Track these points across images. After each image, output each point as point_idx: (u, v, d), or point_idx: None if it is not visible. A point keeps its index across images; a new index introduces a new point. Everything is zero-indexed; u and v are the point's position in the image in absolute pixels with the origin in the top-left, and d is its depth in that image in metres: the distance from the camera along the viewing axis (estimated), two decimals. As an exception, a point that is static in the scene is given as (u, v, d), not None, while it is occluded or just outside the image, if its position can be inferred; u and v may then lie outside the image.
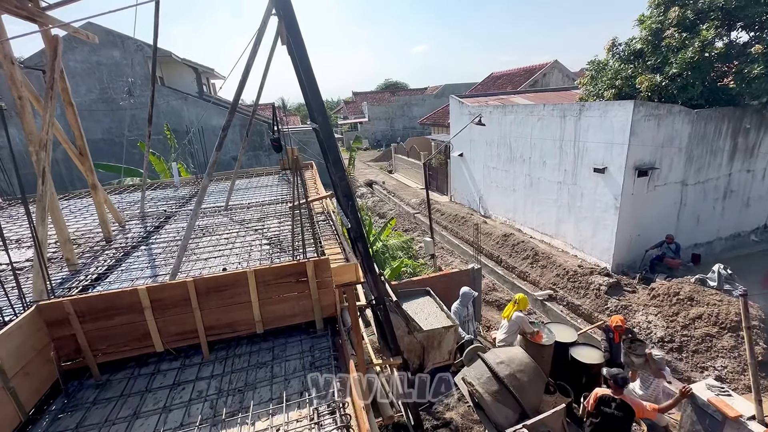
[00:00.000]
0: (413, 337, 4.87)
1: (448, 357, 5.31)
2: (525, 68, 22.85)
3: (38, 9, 3.75)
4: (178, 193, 7.40)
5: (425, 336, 4.93)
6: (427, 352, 5.06)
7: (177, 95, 17.59)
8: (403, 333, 4.80)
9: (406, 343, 4.85)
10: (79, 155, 4.46)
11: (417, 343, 4.90)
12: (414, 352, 5.01)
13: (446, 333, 5.10)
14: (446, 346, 5.19)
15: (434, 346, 5.07)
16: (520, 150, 12.98)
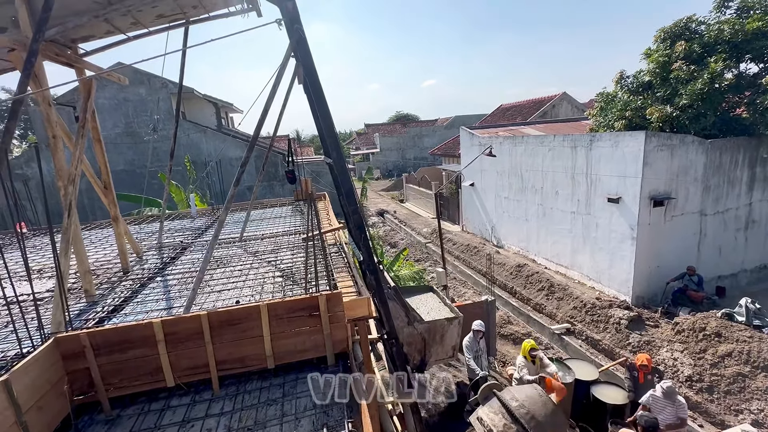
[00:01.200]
0: (413, 328, 4.52)
1: (452, 353, 4.89)
2: (534, 100, 23.26)
3: (76, 56, 4.06)
4: (194, 223, 7.57)
5: (426, 328, 4.60)
6: (429, 346, 4.68)
7: (197, 129, 18.36)
8: (402, 323, 4.49)
9: (405, 335, 4.52)
10: (104, 188, 4.65)
11: (417, 335, 4.56)
12: (414, 346, 4.63)
13: (449, 325, 4.74)
14: (449, 341, 4.80)
15: (436, 340, 4.71)
16: (531, 180, 12.99)
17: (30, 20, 3.35)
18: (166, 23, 4.25)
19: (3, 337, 3.40)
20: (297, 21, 3.66)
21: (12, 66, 3.76)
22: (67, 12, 3.47)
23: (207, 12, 4.18)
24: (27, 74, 2.78)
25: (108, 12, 3.54)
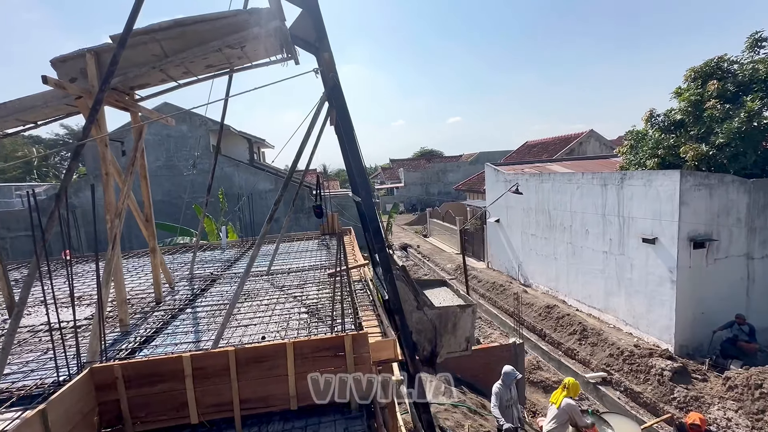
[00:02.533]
0: (423, 313, 4.20)
1: (466, 346, 4.48)
2: (560, 137, 23.20)
3: (133, 101, 4.46)
4: (224, 255, 7.80)
5: (437, 314, 4.27)
6: (440, 335, 4.33)
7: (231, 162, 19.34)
8: (410, 308, 4.20)
9: (414, 321, 4.21)
10: (145, 221, 4.92)
11: (427, 322, 4.25)
12: (424, 335, 4.30)
13: (462, 314, 4.37)
14: (462, 331, 4.42)
15: (448, 329, 4.36)
16: (559, 218, 12.70)
17: (97, 72, 3.75)
18: (213, 72, 4.63)
19: (42, 363, 3.53)
20: (333, 70, 3.91)
21: (77, 111, 4.17)
22: (129, 64, 3.86)
23: (250, 62, 4.53)
24: (91, 120, 3.08)
25: (164, 64, 3.91)
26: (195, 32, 3.88)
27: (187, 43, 3.91)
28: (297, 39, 4.21)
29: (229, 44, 3.95)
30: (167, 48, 3.89)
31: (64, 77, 3.90)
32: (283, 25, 3.91)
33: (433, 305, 4.32)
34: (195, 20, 3.87)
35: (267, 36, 4.02)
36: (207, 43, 3.89)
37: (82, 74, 3.90)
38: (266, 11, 3.89)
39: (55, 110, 4.23)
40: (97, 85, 3.70)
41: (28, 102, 3.99)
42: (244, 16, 3.86)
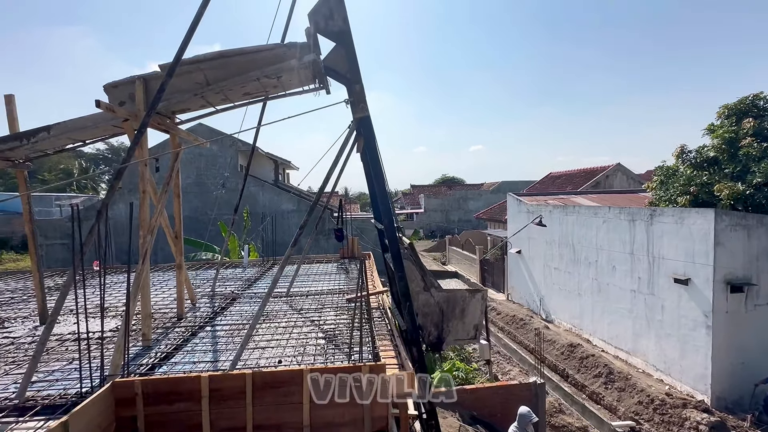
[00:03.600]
0: (430, 295, 4.08)
1: (474, 333, 4.35)
2: (585, 169, 22.85)
3: (173, 124, 4.73)
4: (245, 273, 7.91)
5: (444, 298, 4.15)
6: (447, 319, 4.23)
7: (257, 182, 19.94)
8: (417, 288, 4.08)
9: (420, 303, 4.08)
10: (174, 238, 5.09)
11: (434, 305, 4.12)
12: (430, 318, 4.17)
13: (471, 299, 4.23)
14: (471, 318, 4.28)
15: (456, 314, 4.24)
16: (584, 252, 12.30)
17: (144, 97, 4.02)
18: (249, 99, 4.87)
19: (67, 373, 3.62)
20: (363, 101, 4.04)
21: (122, 132, 4.45)
22: (173, 90, 4.12)
23: (285, 91, 4.76)
24: (136, 142, 3.28)
25: (206, 91, 4.16)
26: (236, 63, 4.13)
27: (229, 73, 4.16)
28: (330, 70, 4.40)
29: (266, 74, 4.17)
30: (210, 77, 4.15)
31: (114, 101, 4.20)
32: (318, 58, 4.11)
33: (441, 288, 4.19)
34: (237, 52, 4.13)
35: (302, 68, 4.23)
36: (247, 73, 4.13)
37: (130, 99, 4.19)
38: (303, 45, 4.12)
39: (103, 131, 4.53)
40: (144, 110, 3.96)
41: (80, 123, 4.30)
42: (283, 50, 4.09)
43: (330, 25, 3.97)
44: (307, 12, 4.04)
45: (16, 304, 6.22)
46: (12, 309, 5.92)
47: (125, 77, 4.22)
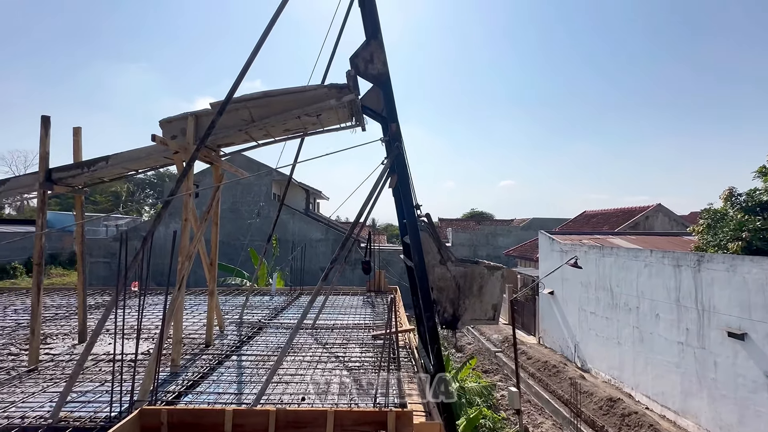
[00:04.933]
0: (446, 269, 3.92)
1: (492, 315, 4.07)
2: (623, 209, 21.95)
3: (218, 156, 5.01)
4: (272, 302, 7.98)
5: (461, 273, 3.97)
6: (464, 296, 3.99)
7: (288, 211, 20.52)
8: (433, 261, 3.92)
9: (436, 277, 3.91)
10: (210, 265, 5.25)
11: (450, 280, 3.94)
12: (446, 293, 3.98)
13: (490, 276, 4.01)
14: (489, 297, 4.03)
15: (473, 292, 4.02)
16: (623, 297, 11.57)
17: (194, 133, 4.31)
18: (289, 135, 5.11)
19: (98, 395, 3.69)
20: (398, 139, 4.14)
21: (171, 163, 4.75)
22: (220, 127, 4.39)
23: (323, 127, 4.97)
24: (185, 174, 3.48)
25: (250, 127, 4.42)
26: (280, 102, 4.38)
27: (272, 111, 4.41)
28: (366, 109, 4.57)
29: (307, 113, 4.39)
30: (255, 114, 4.41)
31: (167, 135, 4.52)
32: (357, 98, 4.30)
33: (458, 261, 4.05)
34: (281, 92, 4.39)
35: (341, 107, 4.43)
36: (289, 111, 4.36)
37: (181, 133, 4.51)
38: (343, 86, 4.33)
39: (155, 161, 4.86)
40: (193, 143, 4.23)
41: (134, 154, 4.64)
42: (324, 90, 4.31)
43: (370, 68, 4.17)
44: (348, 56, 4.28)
45: (59, 321, 6.53)
46: (55, 325, 6.22)
47: (179, 114, 4.56)
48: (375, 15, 4.36)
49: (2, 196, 4.89)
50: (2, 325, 6.19)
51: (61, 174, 4.63)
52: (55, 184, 4.65)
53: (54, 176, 4.63)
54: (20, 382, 3.98)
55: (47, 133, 4.61)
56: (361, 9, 4.43)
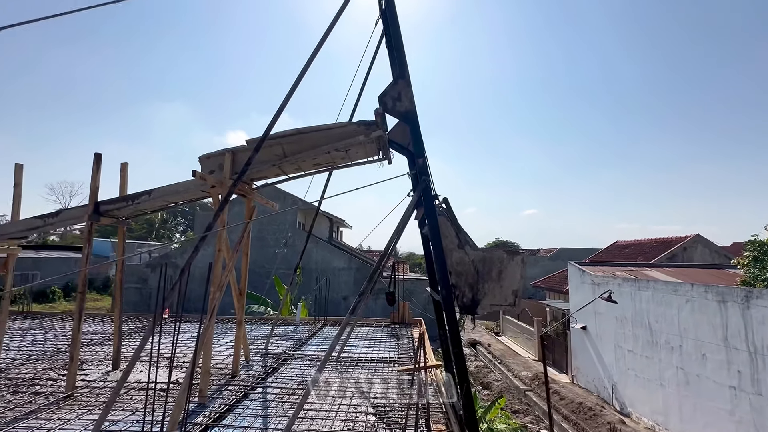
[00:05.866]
0: (464, 253, 3.96)
1: (513, 300, 4.02)
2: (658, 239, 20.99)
3: (251, 189, 5.23)
4: (297, 332, 7.97)
5: (480, 257, 3.99)
6: (483, 281, 4.01)
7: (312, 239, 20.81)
8: (451, 245, 3.97)
9: (454, 261, 3.95)
10: (239, 294, 5.36)
11: (468, 264, 3.97)
12: (464, 278, 3.99)
13: (509, 261, 4.01)
14: (509, 282, 4.01)
15: (492, 276, 4.02)
16: (664, 334, 10.84)
17: (230, 168, 4.54)
18: (318, 168, 5.30)
19: (128, 425, 3.74)
20: (425, 173, 4.21)
21: (208, 196, 5.00)
22: (256, 162, 4.62)
23: (351, 161, 5.12)
24: (221, 209, 3.66)
25: (282, 162, 4.62)
26: (311, 138, 4.58)
27: (304, 147, 4.61)
28: (393, 143, 4.70)
29: (336, 148, 4.56)
30: (287, 150, 4.62)
31: (205, 170, 4.79)
32: (385, 134, 4.44)
33: (476, 246, 4.08)
34: (312, 129, 4.61)
35: (369, 142, 4.58)
36: (320, 147, 4.55)
37: (219, 168, 4.76)
38: (371, 123, 4.49)
39: (192, 194, 5.13)
40: (229, 178, 4.46)
41: (174, 188, 4.92)
42: (353, 127, 4.49)
43: (397, 105, 4.33)
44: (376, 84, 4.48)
45: (94, 346, 6.75)
46: (90, 351, 6.43)
47: (217, 150, 4.85)
48: (402, 55, 4.57)
49: (56, 227, 5.25)
50: (43, 349, 6.46)
51: (108, 206, 4.95)
52: (102, 215, 4.96)
53: (101, 208, 4.96)
54: (57, 408, 4.10)
55: (98, 169, 4.98)
56: (389, 50, 4.66)
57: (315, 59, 4.14)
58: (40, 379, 5.03)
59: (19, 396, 4.42)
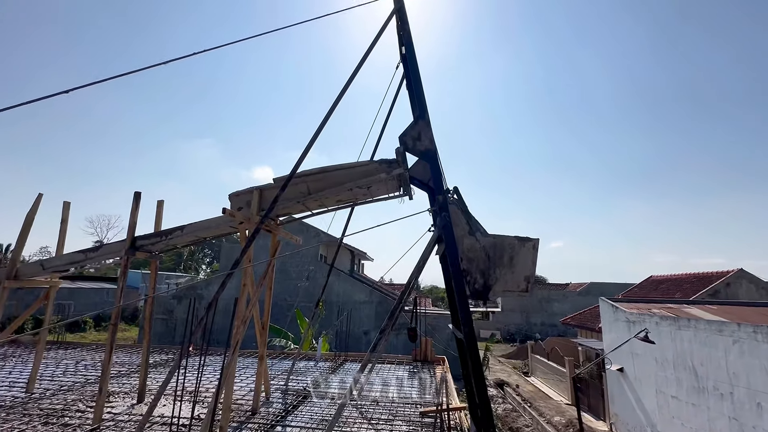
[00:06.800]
0: (475, 239, 4.05)
1: (526, 286, 4.04)
2: (697, 274, 19.80)
3: (276, 225, 5.41)
4: (318, 367, 7.87)
5: (491, 243, 4.07)
6: (495, 266, 4.06)
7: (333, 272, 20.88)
8: (462, 232, 4.08)
9: (465, 247, 4.04)
10: (261, 329, 5.42)
11: (480, 250, 4.06)
12: (476, 264, 4.06)
13: (521, 247, 4.04)
14: (521, 268, 4.04)
15: (504, 262, 4.06)
16: (711, 379, 9.96)
17: (257, 205, 4.76)
18: (341, 205, 5.45)
19: (151, 461, 3.74)
20: (445, 210, 4.26)
21: (236, 231, 5.21)
22: (282, 199, 4.82)
23: (372, 197, 5.26)
24: (249, 244, 3.81)
25: (306, 199, 4.80)
26: (335, 176, 4.77)
27: (327, 184, 4.79)
28: (414, 180, 4.81)
29: (359, 185, 4.71)
30: (312, 188, 4.81)
31: (234, 206, 5.03)
32: (405, 172, 4.57)
33: (487, 233, 4.12)
34: (336, 168, 4.80)
35: (390, 179, 4.71)
36: (342, 185, 4.71)
37: (247, 205, 4.99)
38: (392, 161, 4.65)
39: (222, 231, 5.36)
40: (256, 215, 4.66)
41: (205, 224, 5.17)
42: (375, 165, 4.65)
43: (418, 145, 4.48)
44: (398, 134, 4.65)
45: (120, 378, 6.88)
46: (117, 382, 6.55)
47: (246, 188, 5.10)
48: (422, 97, 4.78)
49: (95, 261, 5.57)
50: (74, 380, 6.65)
51: (143, 242, 5.24)
52: (138, 250, 5.24)
53: (137, 243, 5.24)
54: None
55: (137, 206, 5.33)
56: (409, 92, 4.89)
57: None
58: (70, 410, 5.15)
59: (49, 426, 4.53)
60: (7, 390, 5.94)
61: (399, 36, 5.08)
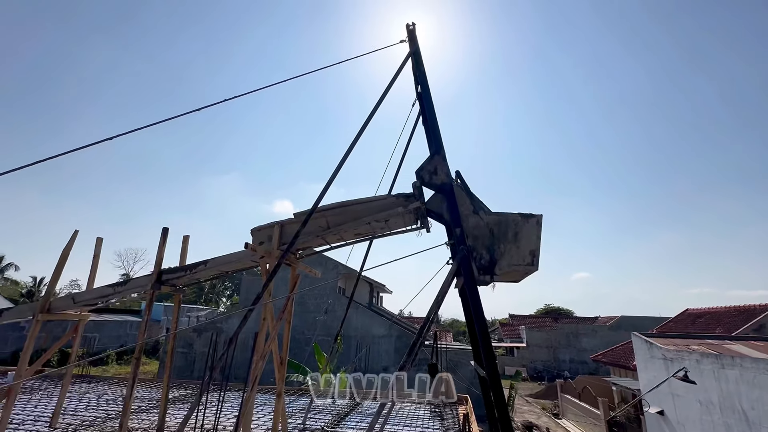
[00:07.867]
0: (479, 217, 4.21)
1: (531, 260, 4.14)
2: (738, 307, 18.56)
3: (296, 259, 5.50)
4: (335, 405, 7.65)
5: (495, 220, 4.21)
6: (500, 242, 4.17)
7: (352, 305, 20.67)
8: (467, 211, 4.26)
9: (470, 226, 4.21)
10: (279, 364, 5.37)
11: (484, 227, 4.21)
12: (481, 240, 4.19)
13: (524, 223, 4.16)
14: (526, 243, 4.15)
15: (508, 238, 4.18)
16: (764, 425, 9.07)
17: (278, 240, 4.87)
18: (359, 238, 5.52)
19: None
20: (463, 243, 4.26)
21: (257, 265, 5.31)
22: (301, 234, 4.93)
23: (390, 230, 5.30)
24: (270, 278, 3.88)
25: (326, 233, 4.89)
26: (353, 210, 4.87)
27: (346, 218, 4.89)
28: (431, 213, 4.85)
29: (377, 219, 4.79)
30: (331, 222, 4.92)
31: (256, 241, 5.17)
32: (422, 205, 4.63)
33: (490, 211, 4.24)
34: (354, 202, 4.91)
35: (407, 213, 4.77)
36: (360, 218, 4.80)
37: (268, 239, 5.12)
38: (409, 195, 4.73)
39: (243, 265, 5.48)
40: (277, 248, 4.77)
41: (227, 258, 5.31)
42: (392, 199, 4.74)
43: (434, 179, 4.57)
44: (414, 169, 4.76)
45: (140, 414, 6.87)
46: (137, 419, 6.54)
47: (267, 222, 5.25)
48: (437, 132, 4.92)
49: (123, 295, 5.76)
50: (95, 414, 6.68)
51: (169, 276, 5.40)
52: (163, 284, 5.40)
53: (163, 277, 5.41)
54: (101, 480, 4.13)
55: (165, 241, 5.54)
56: (425, 127, 5.05)
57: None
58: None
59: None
60: (32, 424, 6.02)
61: (415, 76, 5.32)
